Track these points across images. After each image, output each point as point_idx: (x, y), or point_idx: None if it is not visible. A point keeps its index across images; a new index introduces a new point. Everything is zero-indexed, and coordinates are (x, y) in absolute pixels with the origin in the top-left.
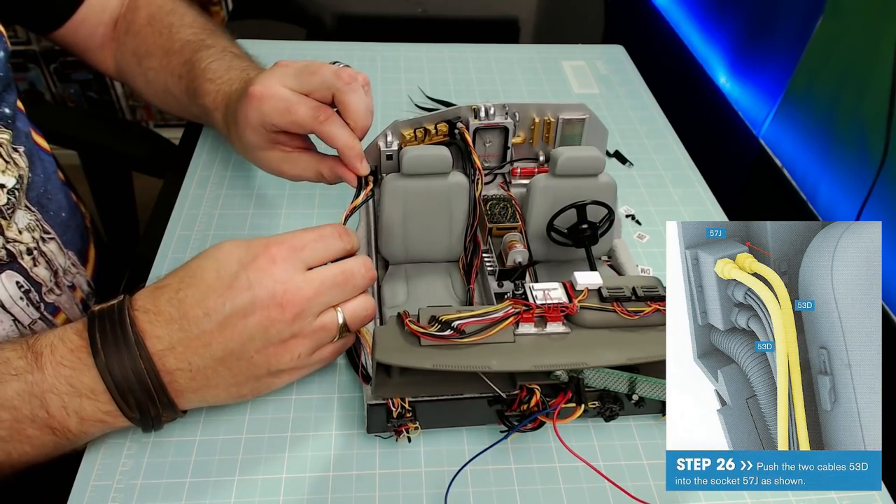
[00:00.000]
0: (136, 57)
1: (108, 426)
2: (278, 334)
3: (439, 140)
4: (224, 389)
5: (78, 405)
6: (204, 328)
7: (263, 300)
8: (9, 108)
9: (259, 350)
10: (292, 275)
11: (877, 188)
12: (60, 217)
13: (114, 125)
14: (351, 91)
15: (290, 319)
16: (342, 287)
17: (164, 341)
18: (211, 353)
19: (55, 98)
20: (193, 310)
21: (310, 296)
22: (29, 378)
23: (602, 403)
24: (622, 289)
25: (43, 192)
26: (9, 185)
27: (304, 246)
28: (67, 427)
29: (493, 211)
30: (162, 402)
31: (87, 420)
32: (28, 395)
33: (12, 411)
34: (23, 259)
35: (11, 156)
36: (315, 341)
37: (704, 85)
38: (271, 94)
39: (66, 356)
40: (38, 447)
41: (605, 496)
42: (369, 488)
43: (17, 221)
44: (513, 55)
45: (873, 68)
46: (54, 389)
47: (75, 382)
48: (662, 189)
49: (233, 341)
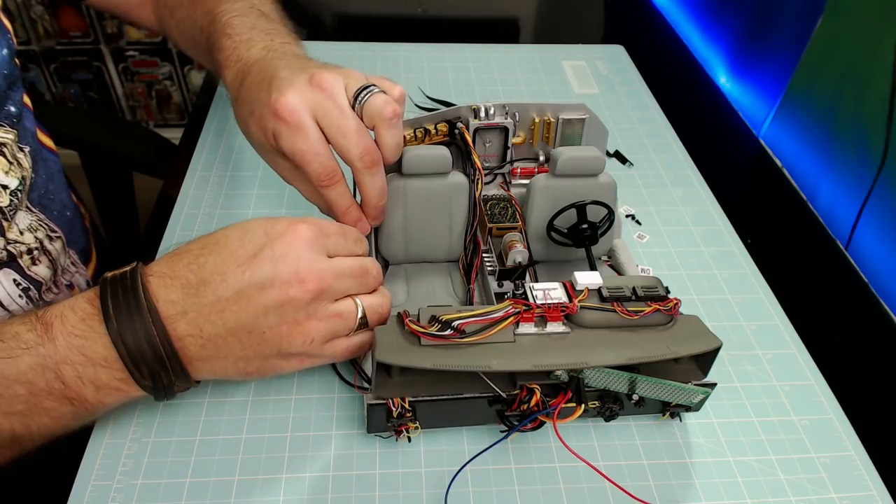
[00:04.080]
0: (169, 9)
1: (123, 394)
2: (294, 313)
3: (439, 140)
4: (232, 363)
5: (93, 374)
6: (220, 295)
7: (285, 275)
8: (15, 106)
9: (272, 326)
10: (316, 255)
11: (877, 188)
12: (65, 216)
13: (114, 125)
14: (368, 175)
15: (309, 299)
16: (359, 279)
17: (176, 306)
18: (223, 321)
19: (55, 98)
20: (212, 276)
21: (330, 279)
22: (41, 351)
23: (602, 403)
24: (622, 289)
25: (45, 192)
26: (12, 186)
27: (331, 234)
28: (84, 397)
29: (493, 211)
30: (174, 370)
31: (102, 388)
32: (41, 367)
33: (28, 385)
34: (21, 259)
35: (16, 156)
36: (330, 328)
37: (704, 85)
38: (296, 124)
39: (78, 325)
40: (58, 418)
41: (605, 496)
42: (369, 488)
43: (19, 222)
44: (513, 55)
45: (873, 68)
46: (67, 360)
47: (88, 352)
48: (662, 189)
49: (247, 313)
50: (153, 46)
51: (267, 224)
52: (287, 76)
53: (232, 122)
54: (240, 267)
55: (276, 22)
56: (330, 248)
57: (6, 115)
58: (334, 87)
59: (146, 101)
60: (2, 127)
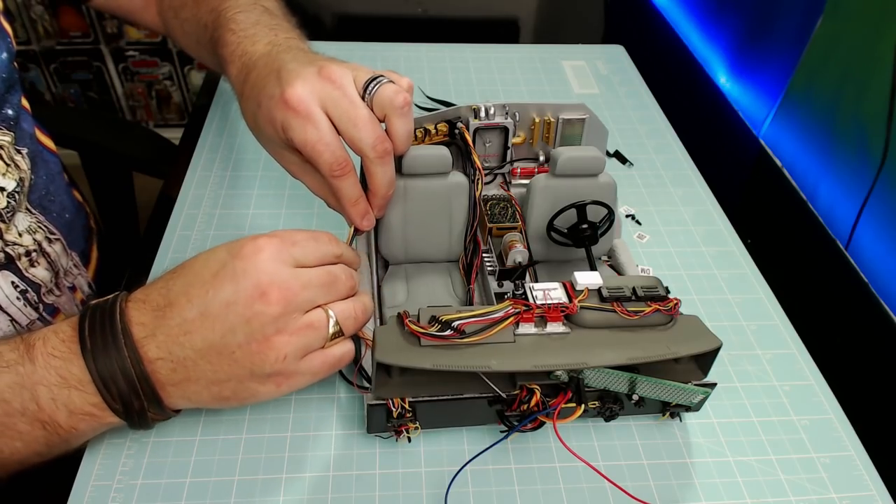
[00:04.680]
0: (173, 10)
1: (97, 421)
2: (262, 328)
3: (439, 140)
4: (205, 386)
5: (66, 397)
6: (186, 317)
7: (247, 290)
8: (12, 109)
9: (241, 345)
10: (279, 267)
11: (877, 188)
12: (64, 218)
13: (114, 125)
14: (379, 164)
15: (275, 313)
16: (327, 287)
17: (147, 328)
18: (191, 343)
19: (55, 98)
20: (178, 298)
21: (296, 290)
22: (20, 370)
23: (602, 403)
24: (622, 289)
25: (45, 193)
26: (9, 188)
27: (295, 242)
28: (57, 421)
29: (493, 211)
30: (146, 394)
31: (75, 413)
32: (19, 386)
33: (3, 405)
34: (19, 261)
35: (13, 158)
36: (302, 341)
37: (704, 85)
38: (306, 114)
39: (58, 346)
40: (30, 443)
41: (605, 496)
42: (369, 488)
43: (17, 224)
44: (513, 55)
45: (873, 68)
46: (44, 381)
47: (64, 373)
48: (662, 189)
49: (213, 332)
50: (153, 46)
51: (230, 244)
52: (295, 68)
53: (232, 122)
54: (203, 286)
55: (280, 18)
56: (298, 257)
57: (3, 118)
58: (343, 78)
59: (146, 101)
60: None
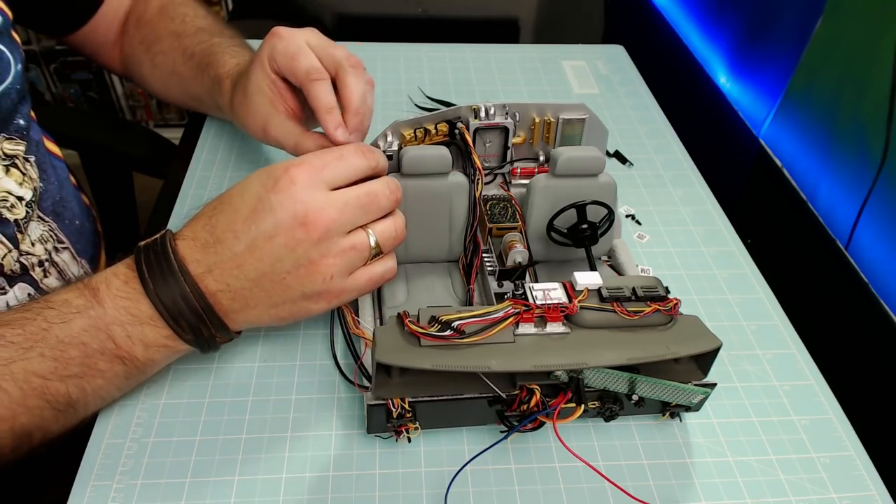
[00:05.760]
0: (145, 45)
1: (171, 350)
2: (305, 255)
3: (439, 140)
4: (264, 310)
5: (140, 332)
6: (235, 251)
7: (286, 221)
8: (23, 119)
9: (290, 271)
10: (313, 194)
11: (877, 188)
12: (74, 225)
13: (114, 125)
14: (353, 74)
15: (316, 239)
16: (366, 208)
17: (202, 264)
18: (245, 274)
19: (55, 98)
20: (224, 234)
21: (333, 215)
22: (91, 313)
23: (602, 403)
24: (622, 289)
25: (58, 200)
26: (27, 197)
27: (325, 165)
28: (135, 355)
29: (493, 211)
30: (213, 323)
31: (151, 346)
32: (94, 329)
33: (81, 347)
34: (34, 271)
35: (25, 167)
36: (346, 262)
37: (704, 85)
38: (289, 36)
39: (122, 288)
40: (111, 379)
41: (604, 496)
42: (369, 488)
43: (31, 233)
44: (513, 55)
45: (873, 68)
46: (116, 321)
47: (134, 311)
48: (662, 189)
49: (263, 262)
50: None
51: (262, 174)
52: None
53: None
54: (245, 222)
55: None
56: (330, 180)
57: (16, 129)
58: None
59: (146, 101)
60: (12, 139)
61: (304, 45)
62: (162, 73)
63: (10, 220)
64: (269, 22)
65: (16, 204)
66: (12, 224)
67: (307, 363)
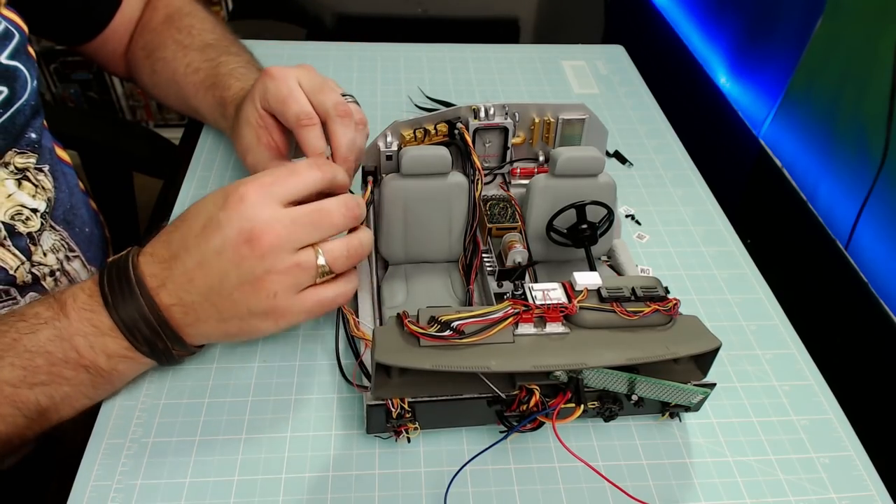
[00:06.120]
0: (146, 51)
1: (133, 362)
2: (251, 271)
3: (439, 140)
4: (215, 325)
5: (102, 343)
6: (187, 266)
7: (233, 238)
8: (35, 132)
9: (236, 287)
10: (262, 211)
11: (877, 188)
12: (84, 233)
13: (114, 125)
14: (340, 124)
15: (260, 256)
16: (316, 225)
17: (157, 279)
18: (196, 288)
19: (55, 98)
20: (178, 250)
21: (279, 232)
22: (57, 324)
23: (601, 403)
24: (622, 289)
25: (69, 207)
26: (41, 209)
27: (274, 181)
28: (98, 364)
29: (492, 211)
30: (168, 336)
31: (113, 356)
32: (58, 339)
33: (47, 356)
34: (45, 281)
35: (38, 178)
36: (292, 280)
37: (704, 85)
38: (283, 77)
39: (86, 301)
40: (77, 386)
41: (604, 496)
42: (369, 488)
43: (43, 244)
44: (513, 55)
45: (873, 68)
46: (80, 332)
47: (96, 323)
48: (662, 189)
49: (211, 277)
50: None
51: (217, 193)
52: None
53: None
54: (196, 238)
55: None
56: (281, 195)
57: (28, 142)
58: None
59: (146, 101)
60: (23, 153)
61: (296, 87)
62: (160, 80)
63: (24, 232)
64: (269, 22)
65: (31, 216)
66: (25, 236)
67: (307, 363)
